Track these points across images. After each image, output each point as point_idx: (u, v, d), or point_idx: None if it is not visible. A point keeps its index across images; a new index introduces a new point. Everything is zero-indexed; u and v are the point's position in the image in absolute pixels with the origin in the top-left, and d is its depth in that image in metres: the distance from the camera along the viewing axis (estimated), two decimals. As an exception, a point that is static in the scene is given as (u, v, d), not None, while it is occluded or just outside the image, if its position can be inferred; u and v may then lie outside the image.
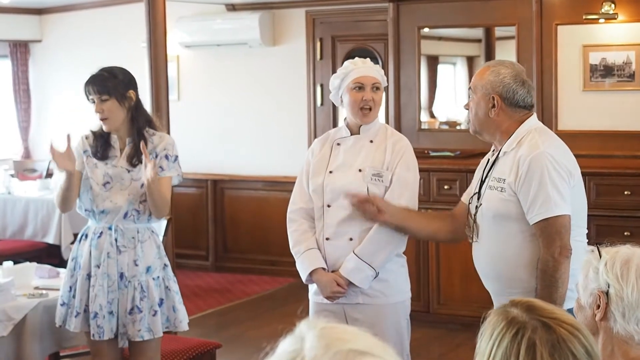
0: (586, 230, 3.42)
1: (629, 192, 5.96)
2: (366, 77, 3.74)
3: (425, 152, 6.75)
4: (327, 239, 3.71)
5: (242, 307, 7.39)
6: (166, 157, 4.07)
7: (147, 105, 4.95)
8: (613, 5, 6.27)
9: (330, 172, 3.74)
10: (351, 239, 3.67)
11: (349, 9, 8.10)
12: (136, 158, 4.05)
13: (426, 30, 7.11)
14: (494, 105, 3.35)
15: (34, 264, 4.96)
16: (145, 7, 5.99)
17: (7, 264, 4.82)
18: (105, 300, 4.01)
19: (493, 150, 3.47)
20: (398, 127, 6.78)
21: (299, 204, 3.80)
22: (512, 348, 1.77)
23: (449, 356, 6.04)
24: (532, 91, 3.42)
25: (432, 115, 7.59)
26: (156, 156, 4.06)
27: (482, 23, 7.03)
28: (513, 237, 3.30)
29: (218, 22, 8.43)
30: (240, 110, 8.58)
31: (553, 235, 3.19)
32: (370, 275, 3.65)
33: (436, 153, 6.81)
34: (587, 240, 3.39)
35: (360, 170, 3.71)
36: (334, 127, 4.77)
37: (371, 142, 3.75)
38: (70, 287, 4.12)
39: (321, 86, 8.17)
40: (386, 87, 3.91)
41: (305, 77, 8.27)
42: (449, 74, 7.98)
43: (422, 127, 7.16)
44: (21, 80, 9.56)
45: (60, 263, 6.80)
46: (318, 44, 8.21)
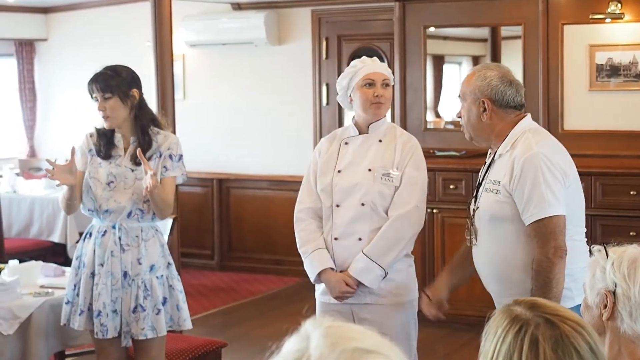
0: (585, 229, 3.41)
1: (634, 192, 5.94)
2: (376, 73, 3.73)
3: (431, 151, 6.74)
4: (335, 238, 3.69)
5: (248, 306, 7.39)
6: (170, 157, 4.07)
7: (152, 104, 4.95)
8: (619, 5, 6.26)
9: (339, 172, 3.72)
10: (360, 238, 3.65)
11: (355, 8, 8.09)
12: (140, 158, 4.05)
13: (432, 29, 7.10)
14: (485, 109, 3.34)
15: (40, 263, 4.96)
16: (151, 6, 6.00)
17: (13, 263, 4.83)
18: (109, 298, 4.01)
19: (489, 153, 3.46)
20: (404, 127, 6.77)
21: (307, 203, 3.78)
22: (516, 344, 1.76)
23: (454, 356, 6.03)
24: (521, 90, 3.39)
25: (437, 115, 7.58)
26: (160, 155, 4.06)
27: (488, 22, 7.02)
28: (509, 238, 3.29)
29: (224, 21, 8.43)
30: (245, 110, 8.58)
31: (547, 235, 3.18)
32: (379, 275, 3.63)
33: (442, 153, 6.81)
34: (586, 240, 3.38)
35: (369, 170, 3.69)
36: (340, 127, 4.75)
37: (380, 141, 3.73)
38: (75, 285, 4.12)
39: (327, 85, 8.16)
40: (392, 86, 3.90)
41: (310, 76, 8.26)
42: (455, 73, 7.97)
43: (428, 127, 7.15)
44: (27, 79, 9.57)
45: (66, 261, 6.80)
46: (324, 43, 8.21)
